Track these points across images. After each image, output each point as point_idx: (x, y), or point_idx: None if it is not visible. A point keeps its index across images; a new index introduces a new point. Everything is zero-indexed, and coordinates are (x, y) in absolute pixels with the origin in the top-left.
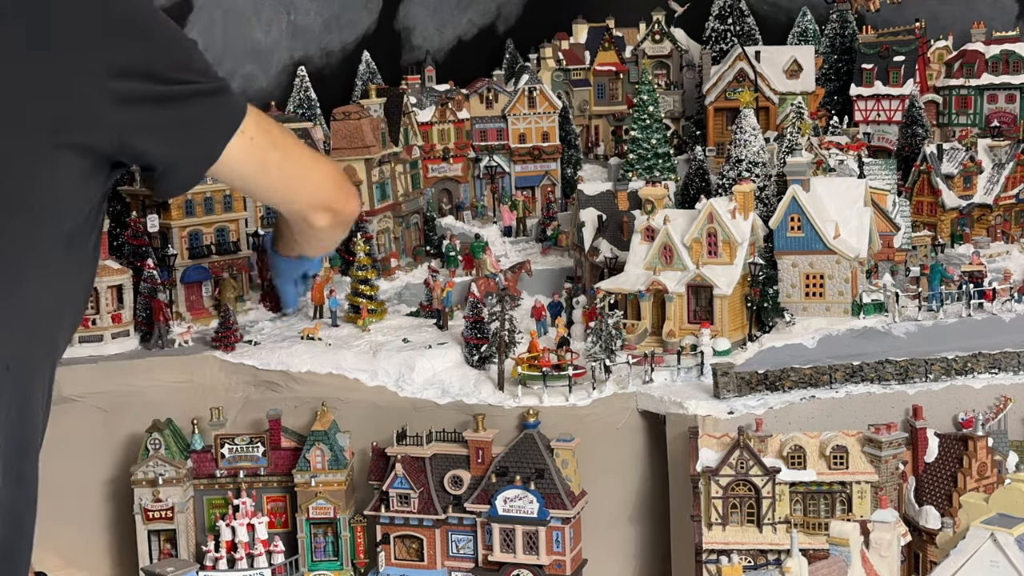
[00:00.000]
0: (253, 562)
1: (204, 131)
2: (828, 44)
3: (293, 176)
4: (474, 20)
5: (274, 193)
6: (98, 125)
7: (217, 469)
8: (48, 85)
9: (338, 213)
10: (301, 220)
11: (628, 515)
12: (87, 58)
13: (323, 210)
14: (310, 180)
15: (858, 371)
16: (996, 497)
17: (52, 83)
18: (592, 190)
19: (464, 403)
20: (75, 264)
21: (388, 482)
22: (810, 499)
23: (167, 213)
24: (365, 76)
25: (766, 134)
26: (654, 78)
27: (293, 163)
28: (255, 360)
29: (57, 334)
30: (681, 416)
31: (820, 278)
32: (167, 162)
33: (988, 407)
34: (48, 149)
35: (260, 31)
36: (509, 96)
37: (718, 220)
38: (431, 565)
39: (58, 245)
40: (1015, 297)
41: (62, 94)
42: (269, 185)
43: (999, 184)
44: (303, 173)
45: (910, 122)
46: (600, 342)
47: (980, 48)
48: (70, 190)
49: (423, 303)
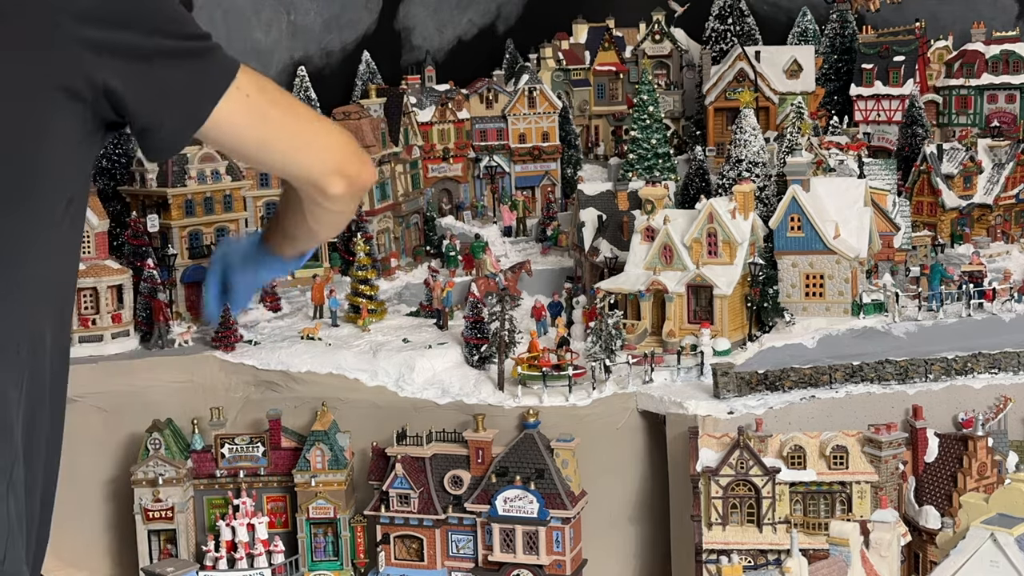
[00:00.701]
0: (253, 562)
1: (190, 91)
2: (828, 44)
3: (299, 137)
4: (474, 20)
5: (279, 157)
6: (75, 70)
7: (217, 469)
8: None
9: (353, 180)
10: (313, 188)
11: (628, 515)
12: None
13: (337, 175)
14: (319, 142)
15: (858, 371)
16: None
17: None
18: (592, 190)
19: (464, 403)
20: (74, 234)
21: (388, 482)
22: (810, 499)
23: (167, 213)
24: (365, 76)
25: (766, 134)
26: (654, 78)
27: (298, 123)
28: (255, 360)
29: (64, 308)
30: (681, 416)
31: (820, 278)
32: (151, 121)
33: (988, 407)
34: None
35: (260, 31)
36: (509, 96)
37: (718, 220)
38: (431, 565)
39: (59, 211)
40: (1015, 297)
41: (38, 42)
42: (273, 148)
43: (999, 184)
44: (310, 134)
45: (910, 122)
46: (600, 342)
47: (980, 48)
48: (68, 151)
49: (423, 303)
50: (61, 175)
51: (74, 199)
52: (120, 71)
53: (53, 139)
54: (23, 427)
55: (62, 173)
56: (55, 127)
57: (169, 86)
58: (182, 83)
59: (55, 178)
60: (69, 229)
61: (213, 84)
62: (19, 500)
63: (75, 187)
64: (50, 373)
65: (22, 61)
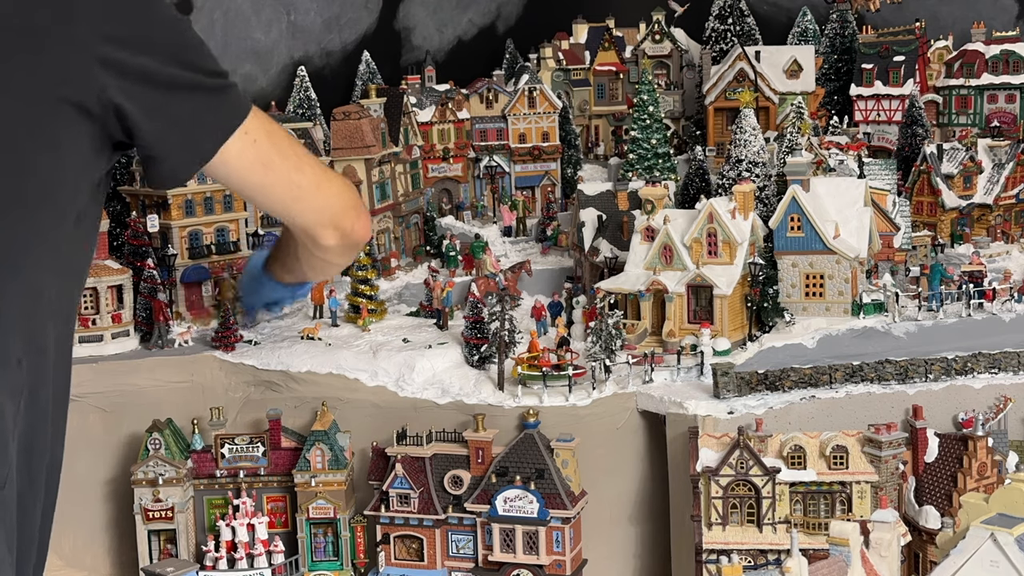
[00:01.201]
0: (253, 562)
1: (200, 126)
2: (828, 44)
3: (299, 188)
4: (474, 20)
5: (278, 204)
6: (89, 85)
7: (217, 469)
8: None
9: (347, 234)
10: (307, 237)
11: (628, 515)
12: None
13: (331, 227)
14: (318, 194)
15: (858, 371)
16: (996, 497)
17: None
18: (592, 190)
19: (464, 403)
20: (83, 253)
21: (388, 482)
22: (810, 499)
23: (167, 213)
24: (365, 76)
25: (766, 134)
26: (654, 78)
27: (301, 174)
28: (255, 360)
29: (68, 327)
30: (681, 416)
31: (820, 278)
32: (158, 150)
33: (988, 407)
34: (49, 107)
35: (260, 31)
36: (509, 96)
37: (718, 220)
38: (431, 565)
39: (66, 225)
40: (1015, 297)
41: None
42: (272, 194)
43: (999, 184)
44: (311, 186)
45: (910, 122)
46: (600, 342)
47: (980, 48)
48: (76, 165)
49: (423, 303)
50: (67, 189)
51: (83, 216)
52: (133, 94)
53: (60, 151)
54: (20, 444)
55: (69, 187)
56: (62, 139)
57: (180, 117)
58: (193, 116)
59: (61, 191)
60: (77, 246)
61: (223, 123)
62: (8, 521)
63: (84, 203)
64: (52, 390)
65: (36, 68)
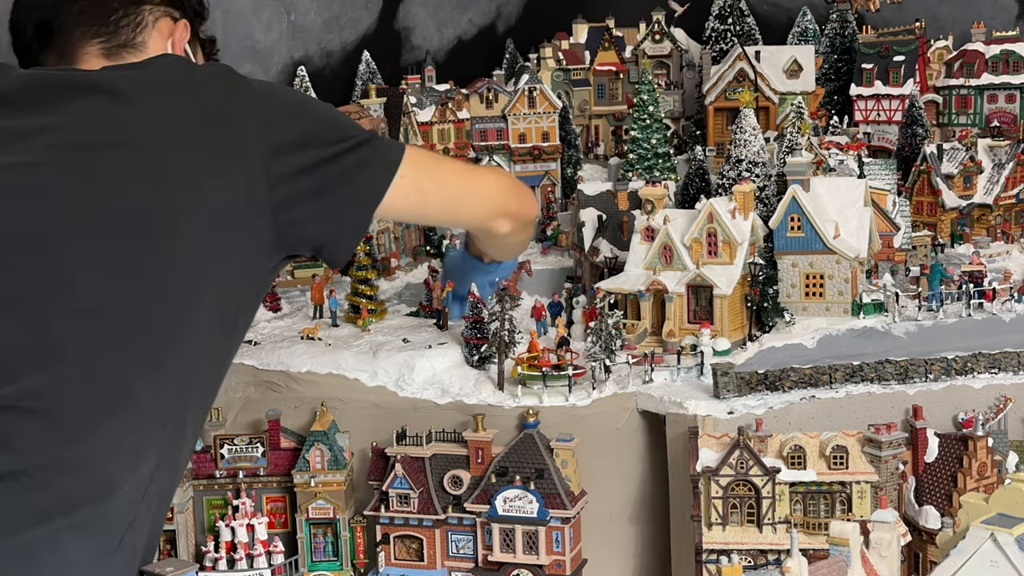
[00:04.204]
0: (253, 562)
1: (356, 200)
2: (828, 44)
3: (456, 200)
4: (474, 20)
5: (442, 217)
6: (260, 215)
7: (216, 469)
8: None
9: (516, 216)
10: (482, 232)
11: (628, 515)
12: (246, 157)
13: (500, 217)
14: (475, 195)
15: (858, 371)
16: (996, 497)
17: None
18: (592, 190)
19: (464, 403)
20: (234, 342)
21: (388, 482)
22: (810, 499)
23: None
24: (365, 76)
25: (766, 134)
26: (654, 78)
27: (454, 185)
28: (255, 360)
29: (205, 408)
30: (681, 416)
31: (820, 278)
32: (323, 239)
33: (988, 407)
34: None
35: (260, 31)
36: (509, 96)
37: (718, 220)
38: (431, 565)
39: (227, 315)
40: (1015, 297)
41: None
42: (432, 214)
43: (999, 184)
44: (466, 190)
45: (910, 122)
46: (600, 342)
47: (980, 48)
48: (242, 266)
49: (423, 303)
50: (229, 285)
51: (241, 310)
52: (296, 195)
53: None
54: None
55: (231, 283)
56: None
57: (338, 204)
58: (350, 195)
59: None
60: (232, 336)
61: (379, 184)
62: None
63: (246, 299)
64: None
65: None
